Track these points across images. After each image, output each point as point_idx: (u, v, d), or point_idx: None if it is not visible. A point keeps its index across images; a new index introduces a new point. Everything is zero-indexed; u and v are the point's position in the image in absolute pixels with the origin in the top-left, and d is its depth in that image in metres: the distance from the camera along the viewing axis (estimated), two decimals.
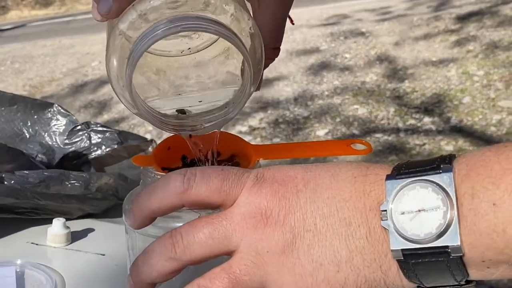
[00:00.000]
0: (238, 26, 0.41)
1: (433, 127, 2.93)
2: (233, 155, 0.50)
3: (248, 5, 0.45)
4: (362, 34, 4.63)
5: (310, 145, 0.71)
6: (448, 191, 0.32)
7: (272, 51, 0.47)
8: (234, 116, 0.44)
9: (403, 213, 0.32)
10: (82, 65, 5.12)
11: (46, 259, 0.66)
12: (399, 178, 0.33)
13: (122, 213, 0.49)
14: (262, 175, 0.37)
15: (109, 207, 0.77)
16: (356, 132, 3.02)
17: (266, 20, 0.46)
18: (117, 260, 0.66)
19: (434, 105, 3.17)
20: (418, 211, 0.32)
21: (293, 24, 0.53)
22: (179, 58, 0.45)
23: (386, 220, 0.33)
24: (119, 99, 0.43)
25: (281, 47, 0.50)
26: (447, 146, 2.74)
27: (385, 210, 0.33)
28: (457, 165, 0.33)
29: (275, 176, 0.36)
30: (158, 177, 0.45)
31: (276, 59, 0.50)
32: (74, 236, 0.70)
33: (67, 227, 0.69)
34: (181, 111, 0.46)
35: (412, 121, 3.02)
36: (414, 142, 2.81)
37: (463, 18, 4.53)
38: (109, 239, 0.70)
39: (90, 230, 0.72)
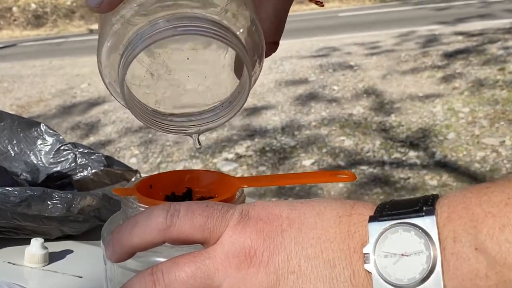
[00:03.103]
0: (239, 23, 0.40)
1: (418, 161, 2.95)
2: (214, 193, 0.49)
3: None
4: (350, 67, 4.69)
5: (295, 175, 0.71)
6: (431, 235, 0.31)
7: (270, 45, 0.45)
8: (230, 118, 0.43)
9: (386, 257, 0.32)
10: (71, 86, 5.12)
11: (23, 279, 0.65)
12: (382, 220, 0.33)
13: (100, 240, 0.48)
14: (246, 212, 0.36)
15: (89, 229, 0.76)
16: (341, 163, 3.03)
17: (267, 13, 0.45)
18: (94, 283, 0.65)
19: (419, 140, 3.20)
20: (401, 255, 0.32)
21: (322, 5, 0.51)
22: (176, 41, 0.43)
23: (369, 263, 0.32)
24: (109, 91, 0.42)
25: (271, 75, 0.49)
26: (431, 180, 2.76)
27: (368, 253, 0.33)
28: (439, 207, 0.33)
29: (260, 214, 0.36)
30: (141, 208, 0.44)
31: (265, 88, 0.49)
32: (52, 257, 0.69)
33: (45, 248, 0.68)
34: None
35: (397, 155, 3.05)
36: (399, 176, 2.83)
37: (450, 56, 4.62)
38: (88, 262, 0.69)
39: (69, 251, 0.71)
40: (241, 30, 0.40)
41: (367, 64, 4.71)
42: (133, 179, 0.87)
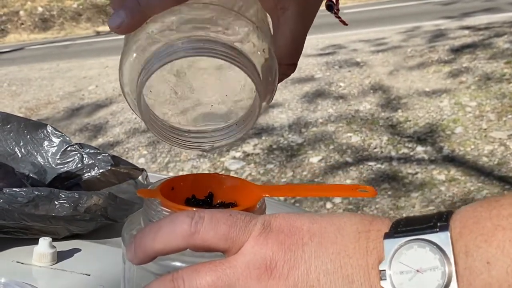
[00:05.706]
0: (253, 47, 0.41)
1: (426, 157, 2.94)
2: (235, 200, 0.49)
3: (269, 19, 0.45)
4: (357, 63, 4.68)
5: (315, 187, 0.71)
6: (446, 251, 0.32)
7: (287, 67, 0.47)
8: (241, 136, 0.44)
9: (401, 273, 0.33)
10: (79, 88, 5.15)
11: (31, 278, 0.66)
12: (397, 237, 0.34)
13: (121, 241, 0.48)
14: (268, 223, 0.36)
15: (96, 228, 0.77)
16: (349, 159, 3.03)
17: (284, 35, 0.46)
18: (102, 281, 0.66)
19: (426, 135, 3.19)
20: (417, 271, 0.32)
21: (346, 25, 0.52)
22: (202, 59, 0.44)
23: (386, 280, 0.33)
24: (129, 106, 0.43)
25: None
26: (439, 175, 2.75)
27: (384, 270, 0.33)
28: (452, 222, 0.33)
29: (282, 226, 0.36)
30: (164, 212, 0.44)
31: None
32: (60, 256, 0.70)
33: (53, 247, 0.69)
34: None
35: (405, 150, 3.04)
36: (407, 171, 2.82)
37: (457, 50, 4.60)
38: (95, 260, 0.70)
39: (76, 250, 0.72)
40: (259, 53, 0.41)
41: (373, 60, 4.70)
42: (140, 178, 0.88)
